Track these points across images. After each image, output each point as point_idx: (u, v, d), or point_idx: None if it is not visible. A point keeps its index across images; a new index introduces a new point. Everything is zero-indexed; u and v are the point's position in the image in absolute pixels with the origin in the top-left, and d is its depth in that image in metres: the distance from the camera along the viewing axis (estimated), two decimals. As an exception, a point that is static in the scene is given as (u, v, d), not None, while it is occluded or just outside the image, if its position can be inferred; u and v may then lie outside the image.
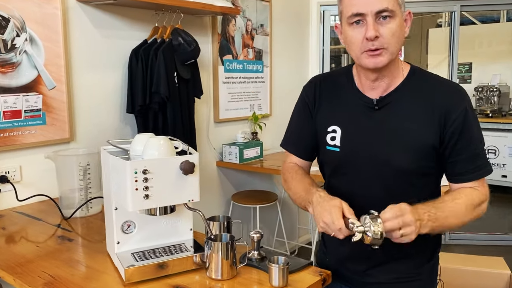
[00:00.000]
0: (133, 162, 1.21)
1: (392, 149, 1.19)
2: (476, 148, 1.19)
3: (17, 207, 2.00)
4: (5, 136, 1.98)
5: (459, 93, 1.20)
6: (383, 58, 1.12)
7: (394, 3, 1.10)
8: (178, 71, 2.38)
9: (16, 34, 1.97)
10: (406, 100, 1.20)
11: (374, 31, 1.09)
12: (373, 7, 1.09)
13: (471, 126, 1.18)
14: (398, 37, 1.12)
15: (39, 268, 1.38)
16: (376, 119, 1.21)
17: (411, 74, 1.22)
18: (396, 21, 1.11)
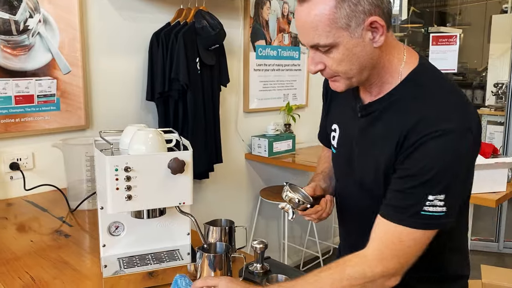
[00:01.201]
0: (113, 158, 1.06)
1: (363, 162, 1.04)
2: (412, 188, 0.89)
3: (28, 196, 1.93)
4: (17, 122, 1.91)
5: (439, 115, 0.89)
6: (339, 84, 0.98)
7: (329, 34, 0.89)
8: (200, 57, 2.21)
9: (29, 15, 1.88)
10: (389, 113, 0.98)
11: (313, 66, 0.96)
12: (306, 40, 0.93)
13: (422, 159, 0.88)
14: (351, 63, 0.92)
15: (24, 267, 1.28)
16: (360, 126, 1.05)
17: (406, 81, 0.97)
18: (340, 50, 0.91)
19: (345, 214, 1.20)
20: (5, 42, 1.84)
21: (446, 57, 3.40)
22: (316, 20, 0.88)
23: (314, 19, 0.88)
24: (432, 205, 0.88)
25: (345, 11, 0.87)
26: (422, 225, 0.89)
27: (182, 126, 2.26)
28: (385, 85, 0.99)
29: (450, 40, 3.41)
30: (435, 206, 0.88)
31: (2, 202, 1.88)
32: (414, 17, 8.24)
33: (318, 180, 1.24)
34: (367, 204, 1.06)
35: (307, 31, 0.91)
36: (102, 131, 1.29)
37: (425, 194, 0.88)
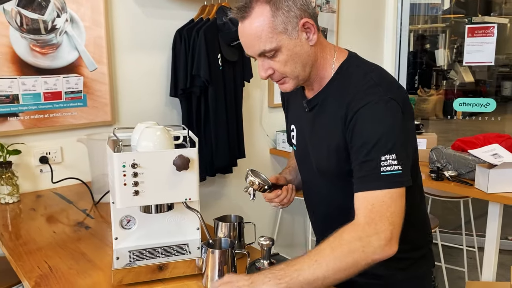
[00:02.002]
0: (121, 155, 1.10)
1: (316, 151, 1.17)
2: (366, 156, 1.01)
3: (57, 188, 2.02)
4: (46, 117, 1.99)
5: (369, 89, 1.04)
6: (288, 85, 1.11)
7: (272, 39, 1.02)
8: (222, 53, 2.23)
9: (57, 14, 1.96)
10: (328, 101, 1.13)
11: (264, 72, 1.08)
12: (253, 51, 1.06)
13: (362, 130, 1.02)
14: (294, 62, 1.07)
15: (44, 257, 1.34)
16: (309, 120, 1.19)
17: (339, 72, 1.12)
18: (284, 52, 1.05)
19: (311, 203, 1.33)
20: (34, 41, 1.92)
21: (482, 49, 3.27)
22: (259, 30, 1.02)
23: (257, 30, 1.02)
24: (388, 165, 0.99)
25: (280, 18, 1.02)
26: (389, 184, 0.98)
27: (204, 121, 2.29)
28: (322, 79, 1.13)
29: (487, 32, 3.27)
30: (391, 165, 0.99)
31: (33, 194, 1.98)
32: (456, 7, 7.95)
33: (285, 173, 1.40)
34: (327, 190, 1.20)
35: (252, 42, 1.04)
36: (117, 127, 1.33)
37: (378, 157, 0.99)
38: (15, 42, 1.87)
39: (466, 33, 3.34)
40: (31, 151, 1.99)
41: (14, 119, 1.91)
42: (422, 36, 5.36)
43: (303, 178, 1.34)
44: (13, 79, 1.89)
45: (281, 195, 1.28)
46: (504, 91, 4.63)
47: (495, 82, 4.68)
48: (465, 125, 4.45)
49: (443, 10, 7.66)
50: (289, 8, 1.02)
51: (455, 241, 3.27)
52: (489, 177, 1.91)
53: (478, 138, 2.23)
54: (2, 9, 1.82)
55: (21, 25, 1.87)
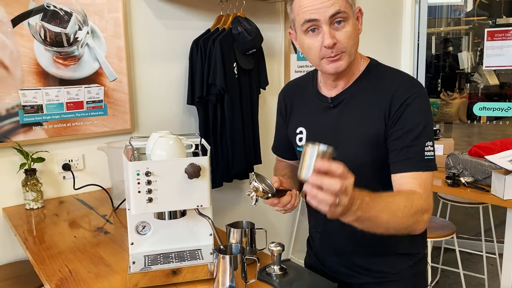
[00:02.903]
0: (136, 163, 1.15)
1: (347, 144, 1.19)
2: (414, 140, 1.12)
3: (79, 194, 2.10)
4: (68, 126, 2.08)
5: (407, 84, 1.16)
6: (343, 62, 1.13)
7: (346, 4, 1.09)
8: (238, 62, 2.28)
9: (78, 27, 2.04)
10: (360, 96, 1.19)
11: (331, 39, 1.08)
12: (325, 11, 1.07)
13: (410, 118, 1.12)
14: (354, 39, 1.12)
15: (65, 261, 1.41)
16: (333, 116, 1.22)
17: (367, 71, 1.21)
18: (350, 23, 1.10)
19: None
20: (57, 53, 2.01)
21: (502, 53, 3.23)
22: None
23: None
24: (429, 150, 1.12)
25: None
26: (430, 167, 1.12)
27: (221, 128, 2.34)
28: (351, 76, 1.20)
29: (507, 35, 3.23)
30: (430, 151, 1.12)
31: (56, 200, 2.06)
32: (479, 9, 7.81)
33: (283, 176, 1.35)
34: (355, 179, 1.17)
35: (327, 3, 1.06)
36: (133, 136, 1.39)
37: (423, 142, 1.11)
38: (39, 55, 1.96)
39: (486, 37, 3.31)
40: (55, 159, 2.08)
41: (38, 128, 2.00)
42: (445, 39, 5.30)
43: None
44: (38, 90, 1.98)
45: (284, 201, 1.25)
46: (530, 94, 4.54)
47: (521, 85, 4.59)
48: (489, 129, 4.38)
49: (466, 12, 7.53)
50: None
51: (476, 248, 3.22)
52: (506, 183, 1.89)
53: (495, 143, 2.21)
54: (27, 23, 1.92)
55: (45, 39, 1.96)
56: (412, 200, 1.06)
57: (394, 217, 1.01)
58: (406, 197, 1.06)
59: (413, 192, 1.09)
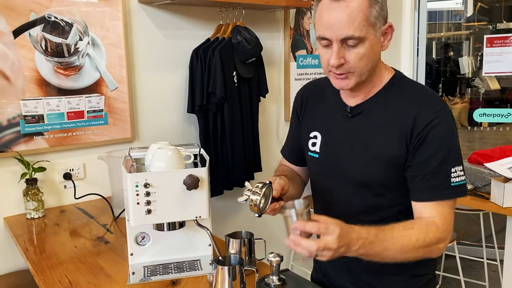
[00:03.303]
0: (134, 175, 1.16)
1: (361, 160, 1.15)
2: (438, 167, 1.07)
3: (80, 203, 2.11)
4: (69, 136, 2.09)
5: (432, 105, 1.10)
6: (349, 81, 1.09)
7: (363, 28, 1.02)
8: (237, 70, 2.29)
9: (79, 38, 2.06)
10: (380, 109, 1.14)
11: (337, 60, 1.04)
12: (338, 33, 1.03)
13: (434, 141, 1.07)
14: (368, 59, 1.06)
15: (65, 271, 1.41)
16: (350, 127, 1.18)
17: (391, 83, 1.16)
18: (366, 45, 1.04)
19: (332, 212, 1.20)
20: (58, 63, 2.02)
21: (501, 59, 3.23)
22: (355, 14, 1.00)
23: (353, 13, 1.00)
24: (457, 176, 1.07)
25: (375, 11, 1.03)
26: (458, 194, 1.08)
27: (221, 136, 2.35)
28: (373, 88, 1.15)
29: (506, 41, 3.24)
30: (459, 176, 1.08)
31: (57, 209, 2.07)
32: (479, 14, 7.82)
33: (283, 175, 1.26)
34: (358, 198, 1.18)
35: (342, 23, 1.01)
36: (132, 147, 1.40)
37: (448, 168, 1.07)
38: (40, 65, 1.98)
39: (485, 43, 3.32)
40: (56, 168, 2.09)
41: (39, 137, 2.01)
42: (446, 44, 5.31)
43: (324, 188, 1.28)
44: (39, 100, 2.00)
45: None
46: (532, 99, 4.54)
47: (523, 89, 4.59)
48: (490, 134, 4.38)
49: (467, 18, 7.54)
50: (382, 6, 1.04)
51: (477, 254, 3.22)
52: (505, 191, 1.89)
53: (495, 151, 2.21)
54: (28, 34, 1.93)
55: (45, 49, 1.98)
56: (427, 232, 1.04)
57: (402, 251, 1.02)
58: (420, 230, 1.04)
59: (431, 224, 1.06)
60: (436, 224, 1.06)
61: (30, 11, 1.93)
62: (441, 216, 1.07)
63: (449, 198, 1.07)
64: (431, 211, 1.08)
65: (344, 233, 0.95)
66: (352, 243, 0.96)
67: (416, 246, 1.03)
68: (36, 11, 1.94)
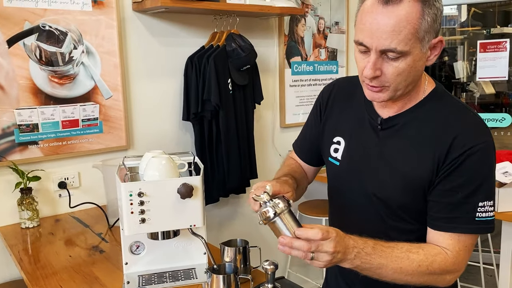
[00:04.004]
0: (128, 184, 1.16)
1: (384, 176, 1.06)
2: (465, 198, 0.97)
3: (75, 212, 2.10)
4: (64, 144, 2.09)
5: (473, 131, 0.99)
6: (382, 95, 0.98)
7: (408, 41, 0.90)
8: (232, 78, 2.30)
9: (74, 46, 2.06)
10: (414, 126, 1.03)
11: (373, 71, 0.93)
12: (378, 43, 0.91)
13: (469, 171, 0.96)
14: (408, 75, 0.95)
15: (59, 281, 1.40)
16: (379, 140, 1.07)
17: (430, 98, 1.04)
18: (408, 60, 0.92)
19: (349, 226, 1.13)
20: (53, 72, 2.02)
21: (495, 65, 3.26)
22: (402, 26, 0.88)
23: (400, 24, 0.88)
24: (484, 211, 0.97)
25: (426, 25, 0.90)
26: (481, 230, 0.99)
27: (216, 143, 2.35)
28: (410, 101, 1.04)
29: (499, 46, 3.27)
30: (487, 211, 0.97)
31: (52, 218, 2.06)
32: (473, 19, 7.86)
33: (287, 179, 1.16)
34: (375, 217, 1.09)
35: (385, 33, 0.89)
36: (126, 156, 1.40)
37: (476, 201, 0.97)
38: (35, 74, 1.98)
39: (478, 49, 3.34)
40: (50, 177, 2.08)
41: (34, 146, 2.01)
42: (441, 48, 5.33)
43: (341, 199, 1.19)
44: (33, 109, 1.99)
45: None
46: (524, 103, 4.57)
47: (517, 93, 4.63)
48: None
49: (461, 23, 7.58)
50: (436, 18, 0.91)
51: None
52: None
53: (489, 156, 2.21)
54: (22, 43, 1.93)
55: (40, 58, 1.98)
56: (432, 262, 0.97)
57: (401, 273, 0.95)
58: (425, 257, 0.97)
59: (439, 253, 0.99)
60: (445, 255, 0.99)
61: (24, 21, 1.93)
62: (454, 249, 0.99)
63: (469, 232, 0.98)
64: (445, 241, 0.99)
65: (340, 238, 0.91)
66: (349, 250, 0.92)
67: (418, 271, 0.96)
68: (30, 20, 1.94)
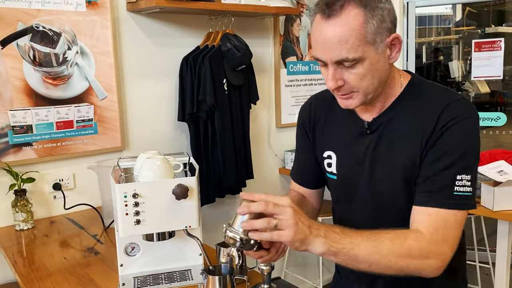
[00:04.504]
0: (123, 186, 1.15)
1: (384, 176, 1.06)
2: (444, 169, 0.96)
3: (70, 213, 2.09)
4: (58, 146, 2.07)
5: (457, 105, 0.99)
6: (353, 101, 0.99)
7: (358, 48, 0.91)
8: (227, 78, 2.29)
9: (68, 47, 2.05)
10: (399, 120, 1.05)
11: (334, 82, 0.96)
12: (330, 56, 0.93)
13: (450, 140, 0.97)
14: (373, 77, 0.96)
15: (54, 283, 1.39)
16: (369, 143, 1.07)
17: (408, 90, 1.05)
18: (365, 64, 0.94)
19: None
20: (47, 73, 2.01)
21: (489, 64, 3.27)
22: (347, 35, 0.91)
23: (345, 34, 0.91)
24: (462, 185, 0.95)
25: (373, 27, 0.92)
26: (459, 205, 0.96)
27: (212, 144, 2.35)
28: (388, 98, 1.05)
29: (494, 46, 3.27)
30: (464, 186, 0.96)
31: (46, 220, 2.05)
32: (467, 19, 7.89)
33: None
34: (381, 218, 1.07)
35: (334, 46, 0.92)
36: (121, 157, 1.39)
37: (454, 174, 0.96)
38: (28, 75, 1.97)
39: (473, 48, 3.35)
40: (45, 179, 2.07)
41: (28, 148, 1.99)
42: (436, 48, 5.36)
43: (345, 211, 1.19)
44: (27, 110, 1.98)
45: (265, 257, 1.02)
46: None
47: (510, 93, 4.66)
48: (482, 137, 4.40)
49: (455, 22, 7.61)
50: (383, 18, 0.93)
51: (469, 257, 3.22)
52: (495, 195, 1.90)
53: (484, 154, 2.22)
54: (16, 44, 1.92)
55: (34, 59, 1.97)
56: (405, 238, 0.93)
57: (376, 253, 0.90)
58: (397, 234, 0.94)
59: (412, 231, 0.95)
60: (420, 234, 0.94)
61: (17, 21, 1.92)
62: (431, 226, 0.94)
63: (448, 207, 0.95)
64: (421, 217, 0.96)
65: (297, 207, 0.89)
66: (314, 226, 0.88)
67: (393, 251, 0.91)
68: (23, 21, 1.93)
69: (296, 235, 0.85)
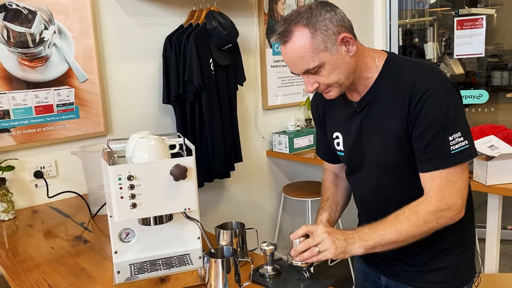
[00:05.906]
0: (116, 167, 1.08)
1: (376, 146, 1.20)
2: (435, 137, 1.08)
3: (53, 202, 2.00)
4: (38, 131, 1.97)
5: (425, 76, 1.12)
6: (333, 93, 1.16)
7: (314, 57, 1.08)
8: (214, 57, 2.21)
9: (44, 27, 1.93)
10: (382, 95, 1.17)
11: (311, 87, 1.14)
12: (298, 69, 1.12)
13: (428, 115, 1.08)
14: (340, 72, 1.12)
15: (43, 274, 1.32)
16: (361, 120, 1.22)
17: (385, 68, 1.18)
18: (327, 66, 1.10)
19: (367, 200, 1.33)
20: (23, 54, 1.89)
21: (472, 42, 3.27)
22: (301, 52, 1.08)
23: (299, 52, 1.08)
24: (456, 143, 1.08)
25: (319, 38, 1.07)
26: (457, 160, 1.08)
27: (199, 127, 2.27)
28: (367, 80, 1.18)
29: (476, 23, 3.28)
30: (458, 143, 1.08)
31: (29, 209, 1.95)
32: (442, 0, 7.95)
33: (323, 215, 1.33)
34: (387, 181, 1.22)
35: (296, 62, 1.10)
36: (110, 139, 1.31)
37: (445, 137, 1.07)
38: (3, 57, 1.85)
39: (455, 26, 3.35)
40: (25, 166, 1.96)
41: (5, 134, 1.88)
42: (410, 30, 5.36)
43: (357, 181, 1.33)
44: (3, 94, 1.87)
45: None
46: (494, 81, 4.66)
47: (485, 72, 4.72)
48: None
49: (430, 4, 7.65)
50: (326, 27, 1.08)
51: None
52: (487, 169, 1.90)
53: (474, 130, 2.22)
54: (-12, 24, 1.80)
55: (8, 39, 1.85)
56: (418, 210, 1.10)
57: (401, 233, 1.09)
58: (410, 210, 1.11)
59: (421, 201, 1.11)
60: (427, 201, 1.10)
61: (-11, -1, 1.79)
62: (437, 187, 1.10)
63: (449, 166, 1.08)
64: (428, 183, 1.11)
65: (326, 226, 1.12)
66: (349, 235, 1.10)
67: (413, 225, 1.09)
68: (-5, -2, 1.81)
69: (337, 251, 1.08)
